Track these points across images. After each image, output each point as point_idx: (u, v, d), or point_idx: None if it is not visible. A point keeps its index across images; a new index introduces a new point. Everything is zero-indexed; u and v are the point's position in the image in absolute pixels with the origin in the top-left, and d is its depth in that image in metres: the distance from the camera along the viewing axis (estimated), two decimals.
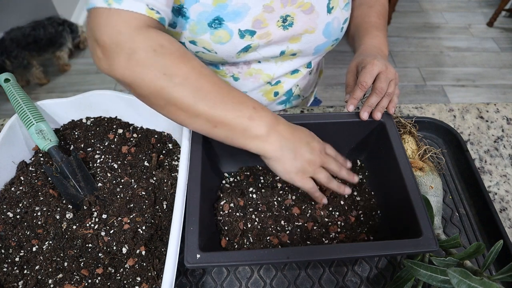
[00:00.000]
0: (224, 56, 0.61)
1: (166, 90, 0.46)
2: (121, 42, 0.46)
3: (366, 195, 0.60)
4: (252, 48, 0.61)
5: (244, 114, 0.46)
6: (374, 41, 0.64)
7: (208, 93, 0.46)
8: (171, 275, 0.43)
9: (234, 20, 0.57)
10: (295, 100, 0.80)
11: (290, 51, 0.65)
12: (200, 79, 0.47)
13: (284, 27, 0.60)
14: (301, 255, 0.45)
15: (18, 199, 0.55)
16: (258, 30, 0.59)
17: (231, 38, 0.58)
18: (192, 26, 0.57)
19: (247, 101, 0.48)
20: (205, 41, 0.58)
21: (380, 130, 0.58)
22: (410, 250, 0.45)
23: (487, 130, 0.75)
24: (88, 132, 0.64)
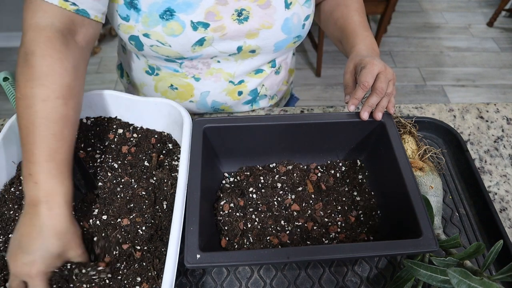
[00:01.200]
0: (179, 49, 0.60)
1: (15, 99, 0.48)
2: (23, 32, 0.48)
3: (366, 195, 0.60)
4: (207, 41, 0.60)
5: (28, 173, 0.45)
6: (366, 42, 0.63)
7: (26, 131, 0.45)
8: (171, 275, 0.43)
9: (185, 12, 0.56)
10: (262, 100, 0.78)
11: (248, 47, 0.64)
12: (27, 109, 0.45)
13: (239, 21, 0.60)
14: (301, 255, 0.45)
15: (18, 199, 0.55)
16: (211, 23, 0.58)
17: (183, 30, 0.58)
18: (144, 18, 0.57)
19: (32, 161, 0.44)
20: (158, 34, 0.58)
21: (380, 130, 0.58)
22: (410, 250, 0.45)
23: (487, 130, 0.75)
24: (88, 132, 0.64)
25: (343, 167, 0.64)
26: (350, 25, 0.67)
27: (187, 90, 0.71)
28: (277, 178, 0.61)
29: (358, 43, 0.63)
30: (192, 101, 0.73)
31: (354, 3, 0.70)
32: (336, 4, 0.71)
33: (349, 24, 0.67)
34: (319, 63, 2.12)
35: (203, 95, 0.72)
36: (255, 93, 0.75)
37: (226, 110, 0.77)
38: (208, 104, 0.74)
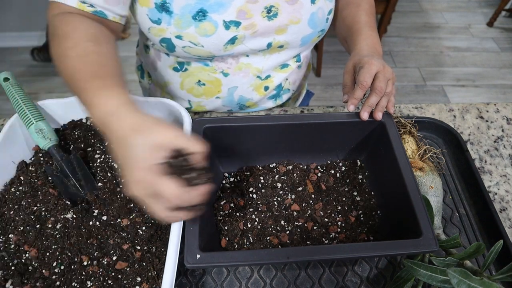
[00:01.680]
0: (211, 49, 0.61)
1: (58, 70, 0.51)
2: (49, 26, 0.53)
3: (366, 195, 0.60)
4: (239, 39, 0.61)
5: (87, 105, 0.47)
6: (368, 41, 0.64)
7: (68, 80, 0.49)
8: (171, 275, 0.43)
9: (218, 11, 0.57)
10: (286, 94, 0.79)
11: (277, 43, 0.65)
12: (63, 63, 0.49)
13: (269, 17, 0.61)
14: (301, 255, 0.45)
15: (18, 199, 0.55)
16: (243, 21, 0.59)
17: (216, 30, 0.58)
18: (176, 20, 0.57)
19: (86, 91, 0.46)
20: (191, 35, 0.58)
21: (380, 130, 0.58)
22: (410, 250, 0.45)
23: (487, 130, 0.75)
24: (88, 132, 0.64)
25: (343, 167, 0.64)
26: (356, 24, 0.67)
27: (215, 85, 0.71)
28: (277, 178, 0.61)
29: (360, 42, 0.64)
30: (218, 97, 0.73)
31: (364, 3, 0.70)
32: (347, 2, 0.72)
33: (356, 23, 0.67)
34: (319, 63, 2.12)
35: (231, 91, 0.72)
36: (280, 87, 0.76)
37: (251, 106, 0.77)
38: (235, 100, 0.74)
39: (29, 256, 0.50)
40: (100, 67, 0.48)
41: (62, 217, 0.53)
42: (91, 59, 0.48)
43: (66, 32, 0.50)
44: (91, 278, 0.49)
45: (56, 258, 0.50)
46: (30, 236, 0.51)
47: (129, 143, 0.41)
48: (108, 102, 0.44)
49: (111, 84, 0.46)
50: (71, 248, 0.50)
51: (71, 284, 0.48)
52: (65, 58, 0.49)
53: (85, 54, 0.48)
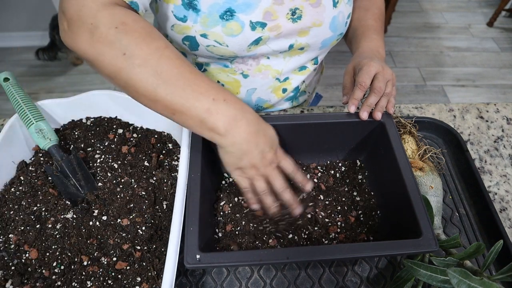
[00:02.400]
0: (236, 49, 0.61)
1: (125, 71, 0.45)
2: (84, 16, 0.45)
3: (366, 195, 0.60)
4: (263, 41, 0.61)
5: (203, 106, 0.45)
6: (371, 44, 0.65)
7: (169, 79, 0.44)
8: (171, 275, 0.43)
9: (245, 12, 0.57)
10: (302, 96, 0.81)
11: (299, 45, 0.66)
12: (162, 62, 0.44)
13: (293, 20, 0.61)
14: (301, 255, 0.45)
15: (18, 199, 0.55)
16: (268, 22, 0.59)
17: (242, 30, 0.58)
18: (203, 18, 0.57)
19: (209, 90, 0.45)
20: (217, 34, 0.58)
21: (380, 130, 0.58)
22: (410, 250, 0.45)
23: (487, 130, 0.75)
24: (88, 132, 0.64)
25: (343, 167, 0.64)
26: (362, 27, 0.68)
27: (234, 87, 0.71)
28: None
29: (363, 44, 0.65)
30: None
31: (374, 8, 0.71)
32: (357, 6, 0.73)
33: (362, 26, 0.69)
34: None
35: (249, 92, 0.72)
36: (297, 90, 0.77)
37: (268, 108, 0.78)
38: (252, 101, 0.75)
39: (29, 256, 0.50)
40: (202, 74, 0.48)
41: (62, 217, 0.53)
42: (189, 65, 0.47)
43: (148, 32, 0.46)
44: (91, 278, 0.49)
45: (56, 258, 0.50)
46: (30, 236, 0.51)
47: (265, 130, 0.49)
48: (240, 102, 0.47)
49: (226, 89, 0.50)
50: (71, 248, 0.50)
51: (71, 284, 0.48)
52: (161, 57, 0.45)
53: (182, 57, 0.46)
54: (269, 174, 0.50)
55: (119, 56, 0.45)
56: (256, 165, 0.48)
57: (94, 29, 0.45)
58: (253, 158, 0.48)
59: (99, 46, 0.45)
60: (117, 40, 0.45)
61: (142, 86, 0.45)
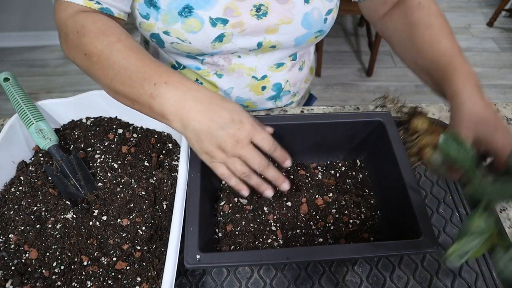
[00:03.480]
0: (199, 46, 0.60)
1: (90, 70, 0.50)
2: (60, 27, 0.53)
3: (366, 195, 0.60)
4: (226, 37, 0.60)
5: (146, 92, 0.45)
6: (471, 84, 0.49)
7: (119, 71, 0.46)
8: (171, 275, 0.43)
9: (204, 8, 0.57)
10: (286, 96, 0.78)
11: (268, 43, 0.63)
12: (113, 55, 0.47)
13: (258, 16, 0.59)
14: (300, 255, 0.45)
15: (18, 199, 0.55)
16: (230, 19, 0.58)
17: (202, 26, 0.58)
18: (163, 16, 0.57)
19: (152, 75, 0.45)
20: (178, 31, 0.58)
21: (380, 130, 0.58)
22: (410, 250, 0.45)
23: None
24: (88, 132, 0.64)
25: (343, 167, 0.64)
26: (443, 56, 0.54)
27: (211, 87, 0.72)
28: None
29: (460, 88, 0.49)
30: None
31: (436, 19, 0.57)
32: (410, 23, 0.59)
33: (443, 56, 0.54)
34: (319, 63, 2.12)
35: (227, 92, 0.72)
36: (279, 88, 0.74)
37: (250, 106, 0.77)
38: (232, 100, 0.74)
39: (29, 256, 0.50)
40: (152, 58, 0.48)
41: (62, 217, 0.53)
42: (141, 52, 0.48)
43: (104, 29, 0.49)
44: (91, 278, 0.49)
45: (56, 258, 0.50)
46: (30, 236, 0.51)
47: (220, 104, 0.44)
48: (189, 81, 0.45)
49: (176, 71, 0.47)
50: (71, 248, 0.50)
51: (71, 284, 0.48)
52: (112, 51, 0.47)
53: (135, 48, 0.48)
54: (240, 154, 0.44)
55: (82, 57, 0.50)
56: (221, 146, 0.44)
57: (66, 36, 0.52)
58: (213, 139, 0.43)
59: (71, 51, 0.52)
60: (80, 43, 0.50)
61: (102, 81, 0.49)
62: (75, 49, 0.51)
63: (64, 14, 0.53)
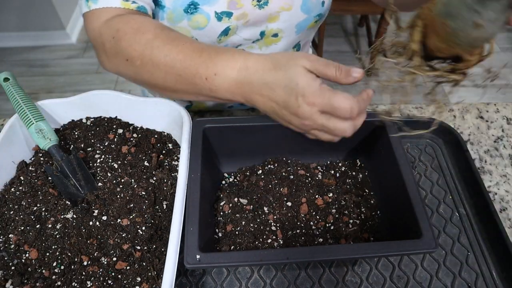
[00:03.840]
0: (205, 41, 0.60)
1: (138, 76, 0.47)
2: (95, 38, 0.49)
3: (366, 195, 0.60)
4: (232, 30, 0.60)
5: (203, 87, 0.44)
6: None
7: (166, 71, 0.45)
8: (171, 275, 0.43)
9: (208, 3, 0.57)
10: None
11: (270, 31, 0.64)
12: (153, 55, 0.45)
13: (259, 6, 0.60)
14: (300, 255, 0.45)
15: (18, 199, 0.55)
16: (234, 11, 0.58)
17: (208, 22, 0.58)
18: (169, 14, 0.57)
19: (197, 70, 0.43)
20: (184, 29, 0.58)
21: (380, 130, 0.58)
22: (410, 250, 0.45)
23: (487, 130, 0.75)
24: (88, 132, 0.64)
25: (343, 167, 0.64)
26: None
27: None
28: (276, 178, 0.61)
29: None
30: None
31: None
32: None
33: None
34: None
35: None
36: None
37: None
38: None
39: (29, 256, 0.50)
40: (195, 43, 0.45)
41: (62, 217, 0.53)
42: (182, 41, 0.45)
43: (138, 28, 0.46)
44: (91, 278, 0.49)
45: (56, 258, 0.50)
46: (30, 236, 0.51)
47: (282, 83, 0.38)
48: (233, 62, 0.41)
49: (222, 49, 0.43)
50: (71, 248, 0.50)
51: (71, 284, 0.48)
52: (152, 50, 0.45)
53: (172, 39, 0.45)
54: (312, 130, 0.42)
55: (125, 63, 0.47)
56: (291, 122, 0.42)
57: (103, 46, 0.48)
58: (283, 117, 0.42)
59: (112, 60, 0.48)
60: (119, 49, 0.46)
61: (155, 84, 0.46)
62: (115, 57, 0.47)
63: (97, 22, 0.49)
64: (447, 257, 0.57)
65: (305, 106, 0.38)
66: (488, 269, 0.55)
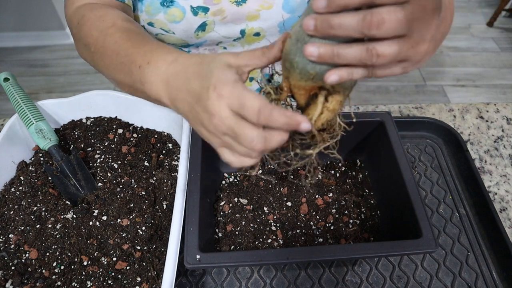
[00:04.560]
0: (183, 36, 0.60)
1: (93, 61, 0.48)
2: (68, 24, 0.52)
3: (366, 195, 0.60)
4: (209, 26, 0.60)
5: (136, 78, 0.40)
6: None
7: (111, 57, 0.44)
8: (171, 275, 0.43)
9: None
10: None
11: (251, 30, 0.63)
12: (105, 42, 0.44)
13: (237, 3, 0.59)
14: (301, 255, 0.45)
15: (18, 199, 0.55)
16: (211, 7, 0.58)
17: (184, 15, 0.58)
18: (147, 7, 0.57)
19: (136, 58, 0.41)
20: (161, 21, 0.58)
21: (380, 130, 0.58)
22: (410, 250, 0.45)
23: (487, 130, 0.75)
24: (88, 132, 0.64)
25: (343, 167, 0.64)
26: None
27: None
28: (276, 179, 0.61)
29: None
30: None
31: None
32: None
33: None
34: None
35: None
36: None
37: None
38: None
39: (29, 256, 0.50)
40: (144, 37, 0.44)
41: (62, 217, 0.53)
42: (134, 32, 0.45)
43: (100, 15, 0.47)
44: (91, 278, 0.49)
45: (56, 258, 0.50)
46: (30, 236, 0.51)
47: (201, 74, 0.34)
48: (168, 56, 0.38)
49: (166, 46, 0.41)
50: (71, 248, 0.50)
51: (71, 284, 0.48)
52: (106, 36, 0.45)
53: (127, 29, 0.45)
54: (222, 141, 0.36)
55: (84, 48, 0.49)
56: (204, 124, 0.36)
57: (71, 31, 0.51)
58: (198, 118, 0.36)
59: (77, 46, 0.51)
60: (80, 34, 0.49)
61: (103, 72, 0.47)
62: (78, 42, 0.49)
63: (70, 9, 0.51)
64: (447, 257, 0.57)
65: (214, 98, 0.33)
66: (488, 269, 0.55)
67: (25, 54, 2.25)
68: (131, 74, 0.41)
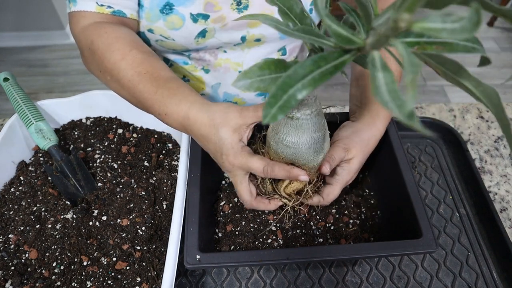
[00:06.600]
0: (182, 42, 0.60)
1: (108, 86, 0.52)
2: (76, 42, 0.53)
3: (366, 195, 0.60)
4: (209, 33, 0.60)
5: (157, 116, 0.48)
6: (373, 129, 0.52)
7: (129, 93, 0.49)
8: (171, 275, 0.43)
9: (184, 5, 0.56)
10: None
11: (252, 37, 0.63)
12: (119, 76, 0.48)
13: (239, 10, 0.59)
14: (301, 255, 0.45)
15: (18, 199, 0.55)
16: (211, 14, 0.58)
17: (184, 23, 0.58)
18: (146, 14, 0.57)
19: (152, 105, 0.47)
20: (160, 28, 0.58)
21: None
22: (410, 250, 0.45)
23: (487, 130, 0.75)
24: (88, 132, 0.64)
25: None
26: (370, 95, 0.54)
27: (198, 83, 0.71)
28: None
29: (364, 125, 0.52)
30: (203, 94, 0.73)
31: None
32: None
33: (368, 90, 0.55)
34: None
35: (214, 88, 0.71)
36: None
37: (239, 103, 0.76)
38: (220, 96, 0.73)
39: (29, 256, 0.50)
40: (155, 74, 0.48)
41: (62, 217, 0.53)
42: (145, 68, 0.48)
43: (108, 45, 0.49)
44: (91, 278, 0.49)
45: (56, 258, 0.50)
46: (30, 236, 0.51)
47: (213, 139, 0.44)
48: (179, 108, 0.45)
49: (175, 88, 0.46)
50: (71, 248, 0.50)
51: (71, 284, 0.48)
52: (119, 71, 0.48)
53: (137, 64, 0.48)
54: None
55: (98, 73, 0.52)
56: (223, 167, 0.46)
57: (82, 52, 0.53)
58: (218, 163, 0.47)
59: (89, 66, 0.53)
60: (93, 60, 0.51)
61: (124, 96, 0.51)
62: (91, 65, 0.52)
63: (77, 27, 0.53)
64: (447, 257, 0.57)
65: (227, 164, 0.44)
66: (488, 269, 0.55)
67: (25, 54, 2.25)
68: (152, 113, 0.48)
